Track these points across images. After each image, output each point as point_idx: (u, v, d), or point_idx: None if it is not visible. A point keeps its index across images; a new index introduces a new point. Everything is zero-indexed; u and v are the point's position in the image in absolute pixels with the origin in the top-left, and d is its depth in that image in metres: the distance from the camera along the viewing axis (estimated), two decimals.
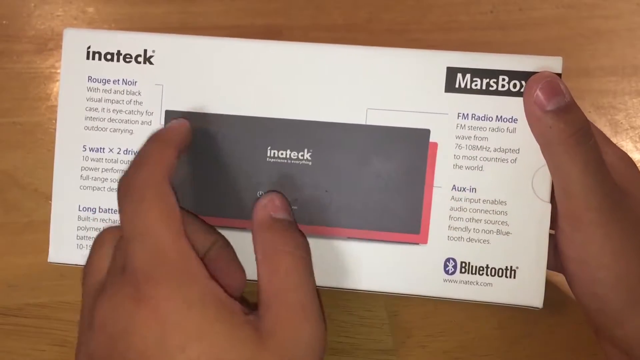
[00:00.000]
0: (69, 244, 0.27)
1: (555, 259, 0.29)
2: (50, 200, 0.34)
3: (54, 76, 0.36)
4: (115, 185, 0.26)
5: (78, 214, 0.27)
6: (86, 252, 0.26)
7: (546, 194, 0.25)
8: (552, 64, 0.25)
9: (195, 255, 0.21)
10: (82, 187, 0.27)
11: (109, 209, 0.27)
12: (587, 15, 0.36)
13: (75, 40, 0.26)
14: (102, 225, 0.27)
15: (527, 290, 0.25)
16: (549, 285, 0.32)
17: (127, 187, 0.22)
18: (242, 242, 0.25)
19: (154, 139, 0.24)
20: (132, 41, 0.26)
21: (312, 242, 0.25)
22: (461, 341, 0.32)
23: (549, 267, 0.30)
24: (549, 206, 0.25)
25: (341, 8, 0.36)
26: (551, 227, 0.30)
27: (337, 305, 0.31)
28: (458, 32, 0.36)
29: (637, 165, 0.27)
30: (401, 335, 0.31)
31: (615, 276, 0.24)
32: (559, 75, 0.25)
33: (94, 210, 0.27)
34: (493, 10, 0.36)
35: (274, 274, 0.22)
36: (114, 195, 0.26)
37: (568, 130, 0.24)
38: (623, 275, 0.24)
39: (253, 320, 0.21)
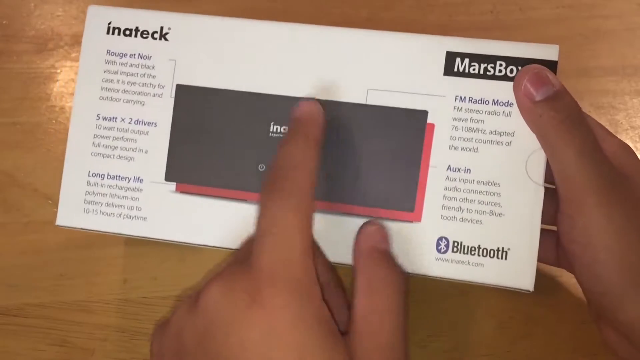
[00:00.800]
0: (76, 208, 0.28)
1: (557, 254, 0.29)
2: (50, 200, 0.34)
3: (54, 76, 0.36)
4: (124, 154, 0.27)
5: (87, 179, 0.28)
6: (92, 217, 0.27)
7: (539, 177, 0.26)
8: (549, 51, 0.26)
9: (317, 276, 0.22)
10: (93, 154, 0.28)
11: (117, 176, 0.28)
12: (587, 15, 0.36)
13: (98, 16, 0.28)
14: (109, 192, 0.27)
15: (518, 272, 0.26)
16: (550, 285, 0.32)
17: (273, 181, 0.22)
18: (242, 213, 0.27)
19: (304, 138, 0.24)
20: (150, 18, 0.28)
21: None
22: (461, 341, 0.32)
23: (549, 263, 0.30)
24: (542, 189, 0.26)
25: (341, 8, 0.36)
26: (553, 220, 0.30)
27: None
28: (458, 32, 0.36)
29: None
30: None
31: (618, 257, 0.24)
32: (555, 62, 0.25)
33: (102, 176, 0.28)
34: (493, 10, 0.36)
35: (375, 309, 0.22)
36: (122, 163, 0.27)
37: (558, 116, 0.24)
38: (625, 256, 0.24)
39: (348, 350, 0.21)
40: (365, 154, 0.26)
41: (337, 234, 0.27)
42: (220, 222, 0.27)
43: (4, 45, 0.36)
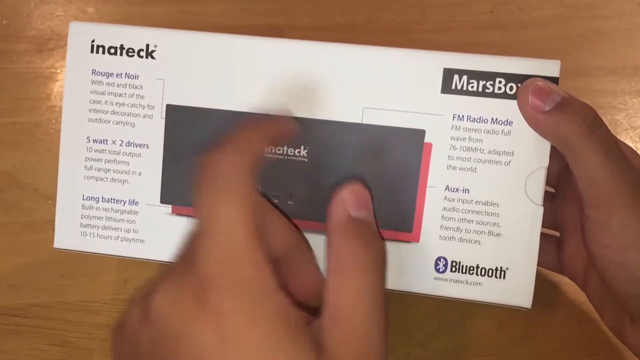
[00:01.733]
0: (73, 231, 0.27)
1: (559, 260, 0.29)
2: (50, 200, 0.34)
3: (54, 76, 0.36)
4: (117, 177, 0.27)
5: (82, 203, 0.27)
6: (89, 240, 0.27)
7: (539, 197, 0.25)
8: (550, 67, 0.25)
9: (269, 265, 0.20)
10: (86, 177, 0.27)
11: (111, 199, 0.27)
12: (587, 15, 0.36)
13: (81, 34, 0.27)
14: (105, 215, 0.27)
15: (516, 290, 0.26)
16: (549, 285, 0.32)
17: (209, 168, 0.21)
18: None
19: (250, 125, 0.22)
20: (135, 36, 0.27)
21: (306, 236, 0.26)
22: (461, 341, 0.32)
23: (550, 268, 0.30)
24: (541, 209, 0.25)
25: (341, 8, 0.36)
26: (555, 225, 0.30)
27: None
28: (458, 32, 0.36)
29: None
30: (401, 335, 0.31)
31: None
32: (557, 79, 0.25)
33: (97, 199, 0.27)
34: (493, 10, 0.36)
35: (346, 291, 0.20)
36: (116, 186, 0.27)
37: (576, 119, 0.24)
38: None
39: (317, 334, 0.20)
40: (362, 174, 0.26)
41: None
42: None
43: (4, 45, 0.36)
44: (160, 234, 0.27)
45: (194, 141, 0.26)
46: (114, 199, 0.27)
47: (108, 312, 0.33)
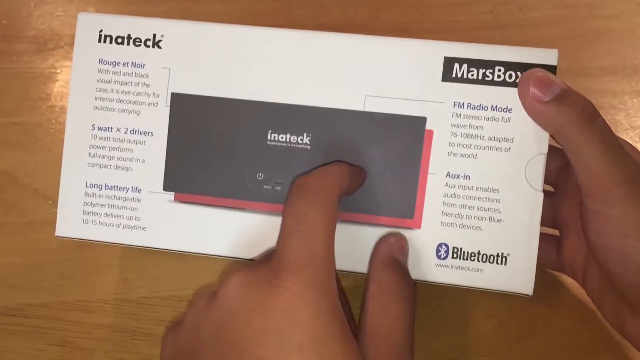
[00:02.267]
0: (75, 219, 0.28)
1: (559, 258, 0.29)
2: (50, 200, 0.34)
3: (54, 76, 0.36)
4: (121, 164, 0.27)
5: (85, 190, 0.28)
6: (91, 228, 0.27)
7: (539, 183, 0.26)
8: (548, 55, 0.26)
9: (335, 269, 0.23)
10: (89, 165, 0.28)
11: (114, 186, 0.27)
12: (587, 15, 0.36)
13: (89, 24, 0.28)
14: (108, 202, 0.27)
15: (518, 277, 0.26)
16: (550, 285, 0.32)
17: (306, 187, 0.23)
18: (241, 222, 0.27)
19: (341, 164, 0.25)
20: (142, 26, 0.27)
21: None
22: (461, 341, 0.32)
23: (550, 267, 0.30)
24: (541, 195, 0.26)
25: (341, 8, 0.36)
26: (554, 223, 0.30)
27: None
28: (458, 32, 0.36)
29: None
30: None
31: None
32: (555, 67, 0.25)
33: (100, 187, 0.27)
34: (493, 10, 0.36)
35: (387, 314, 0.24)
36: (120, 173, 0.27)
37: (575, 110, 0.24)
38: None
39: (359, 346, 0.22)
40: (364, 161, 0.26)
41: (337, 241, 0.26)
42: (219, 231, 0.27)
43: (4, 45, 0.36)
44: (163, 222, 0.27)
45: (198, 129, 0.27)
46: (117, 187, 0.27)
47: (108, 312, 0.33)
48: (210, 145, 0.27)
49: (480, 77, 0.26)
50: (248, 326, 0.21)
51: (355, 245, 0.26)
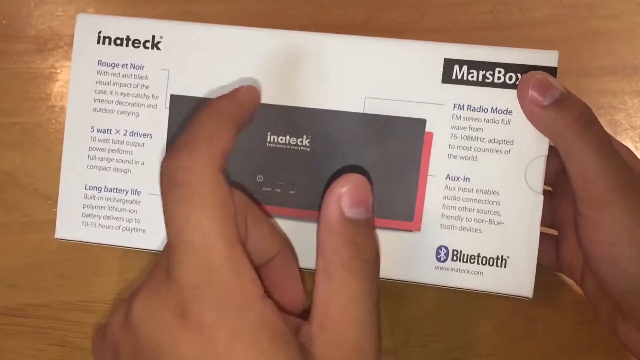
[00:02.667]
0: (75, 221, 0.28)
1: (558, 258, 0.29)
2: (50, 200, 0.34)
3: (54, 76, 0.36)
4: (120, 166, 0.27)
5: (85, 192, 0.28)
6: (91, 230, 0.27)
7: (539, 186, 0.26)
8: (548, 57, 0.26)
9: (251, 273, 0.19)
10: (89, 167, 0.27)
11: (114, 189, 0.27)
12: (587, 15, 0.36)
13: (88, 25, 0.28)
14: (107, 204, 0.27)
15: (518, 279, 0.26)
16: (550, 286, 0.32)
17: (172, 176, 0.19)
18: None
19: (208, 113, 0.21)
20: (141, 27, 0.27)
21: (308, 226, 0.26)
22: (461, 341, 0.32)
23: (549, 266, 0.30)
24: (542, 197, 0.26)
25: (341, 8, 0.36)
26: (553, 224, 0.30)
27: None
28: (458, 32, 0.36)
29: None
30: (401, 335, 0.31)
31: None
32: (555, 69, 0.25)
33: (99, 189, 0.27)
34: (493, 10, 0.36)
35: (335, 298, 0.19)
36: (119, 175, 0.27)
37: (572, 116, 0.24)
38: None
39: (305, 341, 0.19)
40: (363, 163, 0.26)
41: None
42: None
43: (4, 45, 0.36)
44: (162, 224, 0.27)
45: None
46: (117, 189, 0.27)
47: (108, 312, 0.33)
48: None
49: (480, 79, 0.26)
50: None
51: None
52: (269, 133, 0.26)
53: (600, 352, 0.31)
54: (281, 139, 0.26)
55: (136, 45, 0.27)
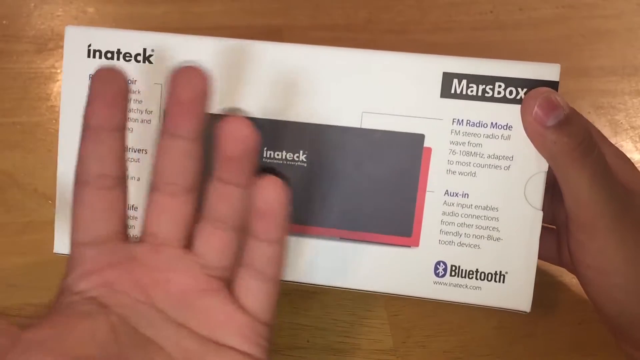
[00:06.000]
0: None
1: (559, 253, 0.29)
2: (50, 200, 0.34)
3: (54, 76, 0.36)
4: None
5: None
6: None
7: (538, 202, 0.25)
8: (549, 71, 0.25)
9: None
10: None
11: None
12: (587, 15, 0.36)
13: (77, 38, 0.27)
14: None
15: (516, 295, 0.26)
16: (549, 286, 0.32)
17: None
18: None
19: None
20: (131, 40, 0.26)
21: (305, 241, 0.26)
22: (461, 341, 0.31)
23: (550, 261, 0.30)
24: (541, 214, 0.25)
25: (341, 8, 0.36)
26: (553, 219, 0.30)
27: (337, 305, 0.31)
28: (458, 32, 0.36)
29: (637, 166, 0.27)
30: (401, 335, 0.31)
31: (633, 281, 0.24)
32: (557, 83, 0.25)
33: None
34: (493, 11, 0.36)
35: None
36: None
37: (572, 143, 0.23)
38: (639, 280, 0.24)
39: None
40: (361, 179, 0.26)
41: (332, 260, 0.26)
42: None
43: (4, 45, 0.36)
44: None
45: None
46: None
47: None
48: (205, 163, 0.26)
49: (480, 93, 0.25)
50: None
51: (353, 263, 0.26)
52: (265, 148, 0.26)
53: (601, 352, 0.31)
54: (277, 155, 0.26)
55: (127, 59, 0.26)
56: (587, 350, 0.32)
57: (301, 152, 0.26)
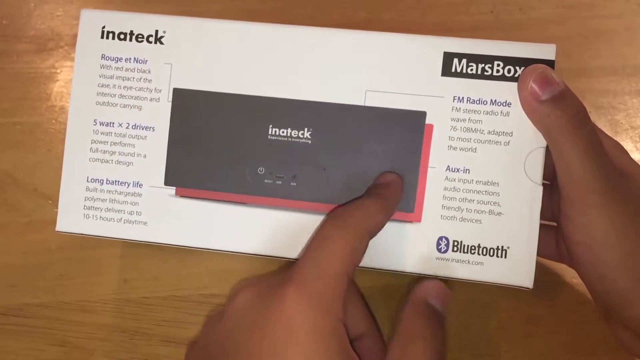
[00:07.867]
0: (76, 213, 0.28)
1: (558, 250, 0.29)
2: (50, 200, 0.34)
3: (54, 76, 0.36)
4: (122, 159, 0.27)
5: (86, 185, 0.28)
6: (92, 222, 0.27)
7: (538, 176, 0.26)
8: (546, 50, 0.26)
9: (344, 295, 0.23)
10: (91, 159, 0.28)
11: (116, 181, 0.28)
12: (587, 15, 0.36)
13: (92, 21, 0.28)
14: (109, 197, 0.27)
15: (518, 270, 0.26)
16: (549, 286, 0.32)
17: (341, 215, 0.24)
18: (241, 216, 0.27)
19: (385, 202, 0.25)
20: (145, 22, 0.28)
21: (309, 217, 0.26)
22: (461, 341, 0.32)
23: (550, 258, 0.30)
24: (541, 188, 0.26)
25: (341, 8, 0.36)
26: (553, 216, 0.30)
27: None
28: (458, 32, 0.36)
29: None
30: None
31: (621, 257, 0.24)
32: (553, 62, 0.26)
33: (101, 181, 0.28)
34: (493, 10, 0.36)
35: (406, 353, 0.23)
36: (121, 168, 0.27)
37: (565, 116, 0.24)
38: (628, 255, 0.24)
39: None
40: (364, 155, 0.26)
41: None
42: (221, 225, 0.27)
43: (4, 45, 0.36)
44: (163, 216, 0.27)
45: (200, 124, 0.27)
46: (118, 181, 0.27)
47: (108, 312, 0.33)
48: (211, 140, 0.27)
49: (479, 72, 0.26)
50: (249, 338, 0.21)
51: None
52: (271, 126, 0.27)
53: (600, 352, 0.31)
54: (283, 132, 0.27)
55: (139, 39, 0.27)
56: (587, 350, 0.32)
57: (306, 129, 0.27)
